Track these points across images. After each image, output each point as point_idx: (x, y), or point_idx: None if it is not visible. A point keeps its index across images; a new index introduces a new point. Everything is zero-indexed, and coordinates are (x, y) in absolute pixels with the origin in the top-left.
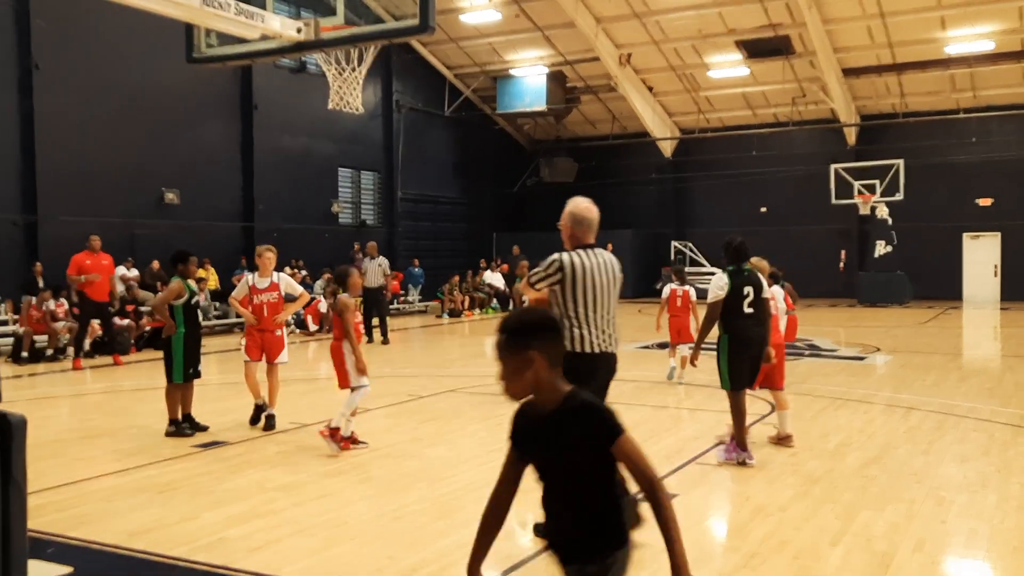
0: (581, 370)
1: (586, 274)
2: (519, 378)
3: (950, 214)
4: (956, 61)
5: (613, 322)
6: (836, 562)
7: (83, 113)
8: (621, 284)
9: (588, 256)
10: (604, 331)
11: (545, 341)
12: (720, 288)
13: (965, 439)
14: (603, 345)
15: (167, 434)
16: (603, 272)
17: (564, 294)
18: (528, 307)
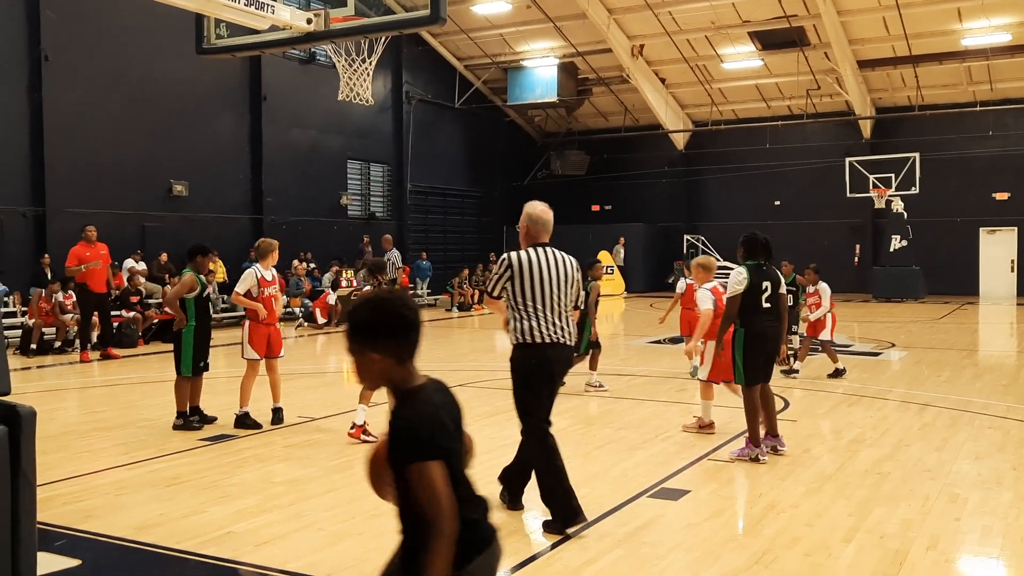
0: (531, 359)
1: (533, 269)
2: (367, 374)
3: (966, 208)
4: (973, 53)
5: (565, 316)
6: (848, 559)
7: (92, 105)
8: (576, 282)
9: (539, 253)
10: (555, 323)
11: (387, 339)
12: (739, 283)
13: (980, 436)
14: (553, 336)
15: (175, 427)
16: (552, 268)
17: (514, 288)
18: (374, 296)
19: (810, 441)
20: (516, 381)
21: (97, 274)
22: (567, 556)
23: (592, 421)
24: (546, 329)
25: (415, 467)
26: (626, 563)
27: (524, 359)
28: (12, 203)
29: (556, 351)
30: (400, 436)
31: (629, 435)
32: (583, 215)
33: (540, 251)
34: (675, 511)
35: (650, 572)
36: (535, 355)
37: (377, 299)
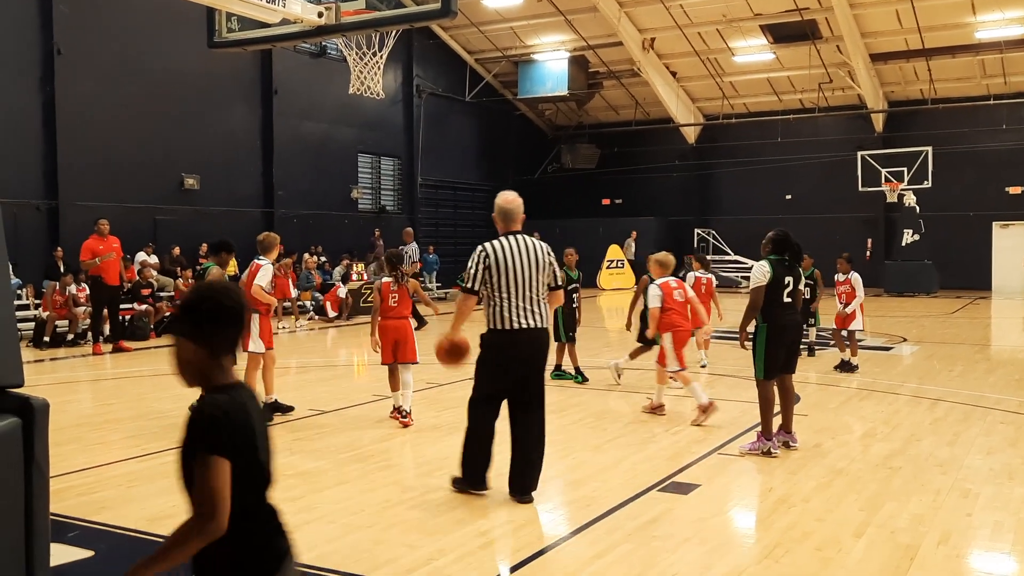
0: (502, 345)
1: (506, 257)
2: (179, 362)
3: (979, 202)
4: (986, 46)
5: (538, 300)
6: (859, 554)
7: (104, 98)
8: (549, 266)
9: (510, 241)
10: (526, 308)
11: (203, 327)
12: (762, 275)
13: (992, 431)
14: (524, 322)
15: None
16: (524, 255)
17: (489, 277)
18: (203, 284)
19: (821, 436)
20: (478, 359)
21: (111, 267)
22: (577, 549)
23: (603, 415)
24: (518, 316)
25: (200, 457)
26: (636, 557)
27: (491, 344)
28: (25, 196)
29: (527, 335)
30: (194, 424)
31: (639, 429)
32: (594, 209)
33: (512, 239)
34: (685, 505)
35: (660, 566)
36: (505, 340)
37: (204, 287)
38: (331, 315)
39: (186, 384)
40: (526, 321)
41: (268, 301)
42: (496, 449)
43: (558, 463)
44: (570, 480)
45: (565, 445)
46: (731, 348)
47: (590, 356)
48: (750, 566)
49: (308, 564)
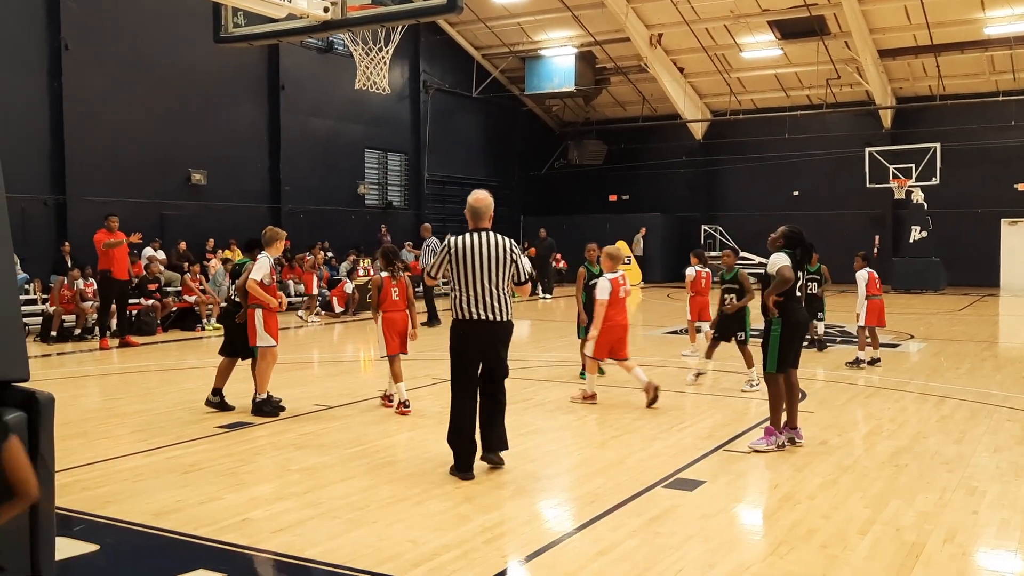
0: (462, 333)
1: (467, 252)
2: None
3: (988, 199)
4: (995, 42)
5: (497, 294)
6: (864, 552)
7: (112, 93)
8: (511, 263)
9: (474, 237)
10: (484, 301)
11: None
12: (787, 259)
13: (999, 429)
14: (482, 314)
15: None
16: (484, 250)
17: (452, 269)
18: None
19: (827, 432)
20: (449, 346)
21: (121, 261)
22: (581, 546)
23: (609, 411)
24: (473, 308)
25: (8, 445)
26: (641, 553)
27: (454, 332)
28: (33, 191)
29: (481, 327)
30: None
31: (646, 425)
32: (601, 205)
33: (477, 236)
34: (690, 502)
35: (665, 562)
36: (463, 329)
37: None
38: (337, 311)
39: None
40: (483, 313)
41: (262, 298)
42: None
43: (563, 459)
44: (575, 476)
45: (570, 441)
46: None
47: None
48: (755, 563)
49: (312, 559)
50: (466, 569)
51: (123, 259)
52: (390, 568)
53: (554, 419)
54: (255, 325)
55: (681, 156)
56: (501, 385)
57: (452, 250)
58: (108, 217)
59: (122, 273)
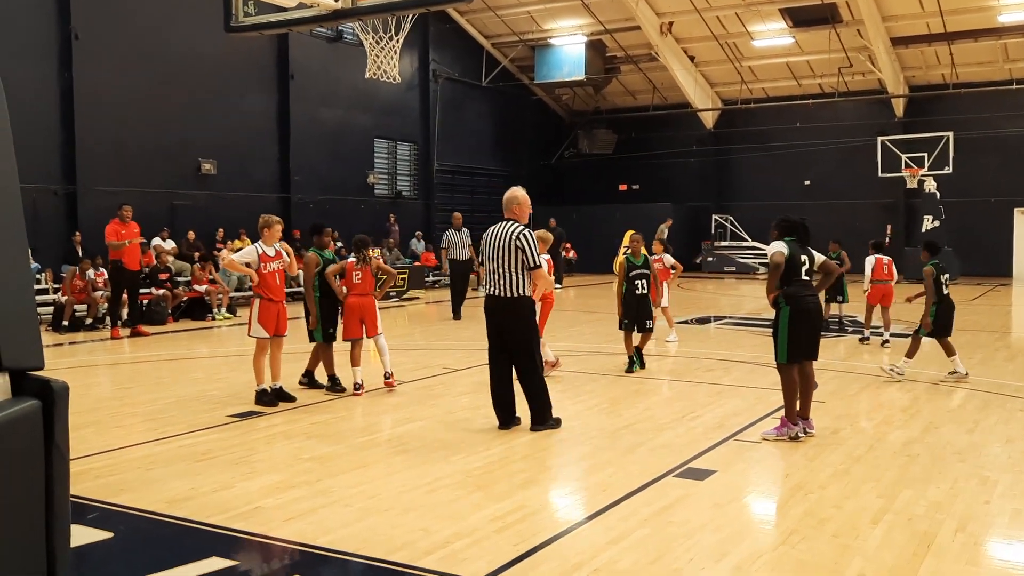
0: (485, 308)
1: (487, 238)
2: None
3: (1001, 188)
4: (1009, 30)
5: (501, 274)
6: (876, 541)
7: (122, 83)
8: (517, 251)
9: (496, 227)
10: (495, 280)
11: None
12: (783, 247)
13: (1011, 419)
14: (493, 290)
15: (326, 389)
16: (494, 238)
17: (481, 251)
18: None
19: (839, 422)
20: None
21: (131, 252)
22: (592, 535)
23: (618, 400)
24: (490, 285)
25: None
26: (652, 542)
27: (485, 307)
28: (44, 181)
29: (491, 301)
30: None
31: (656, 414)
32: (611, 194)
33: (498, 224)
34: (701, 491)
35: (676, 551)
36: (485, 304)
37: None
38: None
39: None
40: (494, 289)
41: (242, 271)
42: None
43: (574, 448)
44: (586, 466)
45: (581, 431)
46: (749, 334)
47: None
48: (766, 552)
49: (324, 547)
50: (478, 557)
51: (134, 249)
52: (402, 556)
53: (563, 409)
54: (251, 314)
55: (692, 145)
56: (522, 357)
57: (483, 237)
58: (121, 207)
59: (133, 263)
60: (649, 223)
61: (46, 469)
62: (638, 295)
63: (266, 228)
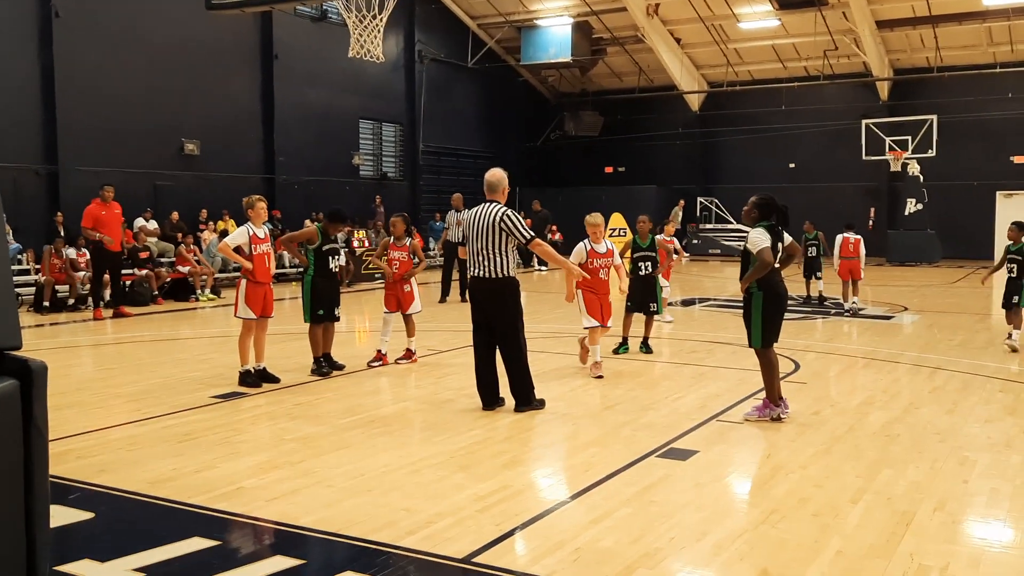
0: (469, 288)
1: (470, 219)
2: None
3: (984, 172)
4: (993, 13)
5: (486, 255)
6: (856, 520)
7: (104, 62)
8: (501, 231)
9: (477, 208)
10: (478, 262)
11: None
12: (764, 237)
13: (991, 400)
14: (476, 271)
15: (311, 371)
16: (476, 220)
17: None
18: None
19: (820, 403)
20: None
21: (114, 232)
22: (575, 514)
23: (603, 381)
24: (474, 266)
25: None
26: (634, 521)
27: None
28: (25, 161)
29: (476, 283)
30: None
31: (640, 395)
32: (597, 176)
33: (480, 206)
34: (684, 471)
35: (658, 530)
36: (468, 285)
37: None
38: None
39: None
40: (477, 271)
41: (235, 259)
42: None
43: (557, 429)
44: (569, 446)
45: (565, 411)
46: (732, 316)
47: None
48: (747, 531)
49: (307, 527)
50: (461, 537)
51: (116, 230)
52: (385, 536)
53: (548, 390)
54: (238, 296)
55: (677, 128)
56: (505, 339)
57: (464, 218)
58: (103, 187)
59: (114, 244)
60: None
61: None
62: (643, 276)
63: (249, 208)
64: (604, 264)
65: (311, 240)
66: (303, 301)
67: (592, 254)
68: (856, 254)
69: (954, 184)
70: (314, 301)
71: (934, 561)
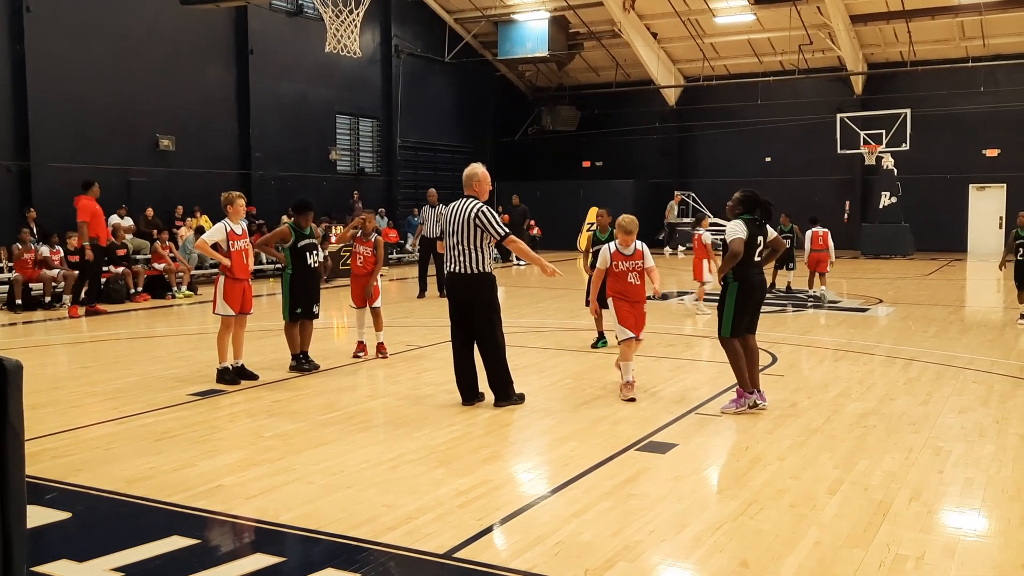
0: (446, 283)
1: (447, 214)
2: None
3: (956, 165)
4: (966, 8)
5: (461, 250)
6: (833, 510)
7: (76, 57)
8: (476, 227)
9: (454, 203)
10: (455, 257)
11: None
12: (741, 230)
13: (964, 390)
14: (453, 267)
15: (290, 368)
16: (453, 215)
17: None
18: None
19: (797, 395)
20: None
21: (103, 229)
22: (555, 508)
23: (581, 376)
24: (450, 262)
25: None
26: (613, 514)
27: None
28: None
29: (452, 277)
30: None
31: (618, 389)
32: (574, 171)
33: (458, 201)
34: (662, 464)
35: (637, 523)
36: (446, 281)
37: None
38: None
39: None
40: (454, 267)
41: (213, 256)
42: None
43: (537, 423)
44: (548, 440)
45: (544, 406)
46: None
47: (562, 318)
48: (725, 522)
49: (287, 524)
50: (441, 532)
51: (104, 227)
52: (364, 532)
53: (527, 384)
54: (216, 292)
55: (654, 122)
56: (483, 334)
57: (442, 213)
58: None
59: (103, 241)
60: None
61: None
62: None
63: (228, 205)
64: (632, 267)
65: (285, 239)
66: (282, 298)
67: (617, 256)
68: (825, 246)
69: (927, 177)
70: (292, 299)
71: (910, 550)
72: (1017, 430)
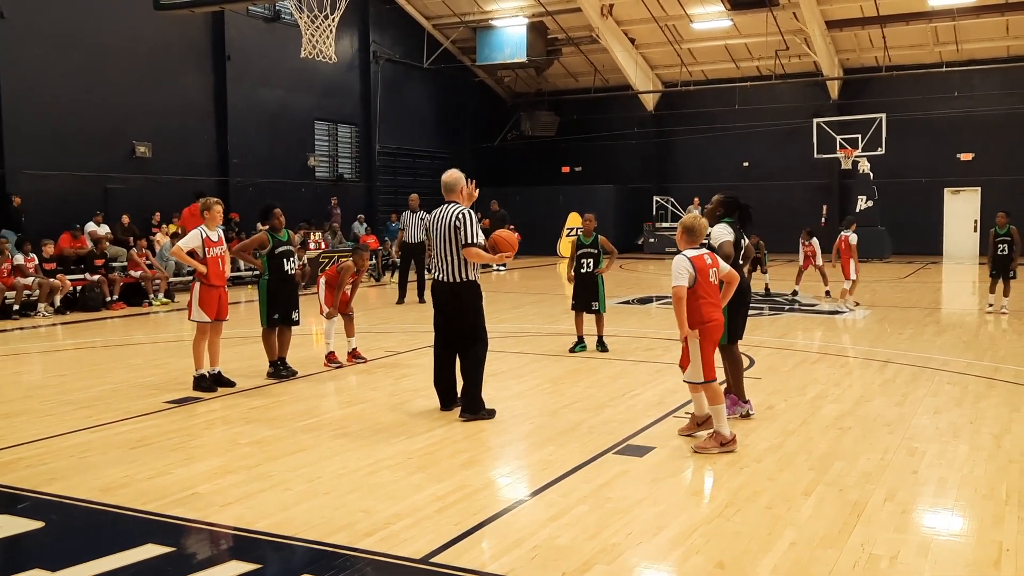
0: (431, 291)
1: (432, 220)
2: None
3: (931, 169)
4: (939, 14)
5: (445, 257)
6: (808, 511)
7: (52, 64)
8: (454, 230)
9: (437, 210)
10: (439, 265)
11: None
12: (728, 233)
13: (939, 391)
14: (437, 274)
15: (268, 375)
16: (436, 222)
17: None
18: None
19: (774, 398)
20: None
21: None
22: (533, 512)
23: (560, 379)
24: (435, 269)
25: None
26: (591, 517)
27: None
28: None
29: (437, 286)
30: None
31: (596, 393)
32: (554, 176)
33: (441, 208)
34: (640, 467)
35: (615, 526)
36: (431, 288)
37: None
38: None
39: None
40: (438, 274)
41: (189, 263)
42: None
43: (515, 428)
44: (526, 445)
45: (522, 411)
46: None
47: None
48: (701, 525)
49: (263, 531)
50: (419, 537)
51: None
52: (342, 538)
53: (506, 389)
54: (192, 299)
55: (633, 127)
56: (466, 342)
57: (427, 220)
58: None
59: None
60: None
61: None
62: (583, 275)
63: (206, 211)
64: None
65: (263, 245)
66: (260, 305)
67: (699, 262)
68: (814, 254)
69: (903, 181)
70: (270, 305)
71: (884, 550)
72: (990, 430)
